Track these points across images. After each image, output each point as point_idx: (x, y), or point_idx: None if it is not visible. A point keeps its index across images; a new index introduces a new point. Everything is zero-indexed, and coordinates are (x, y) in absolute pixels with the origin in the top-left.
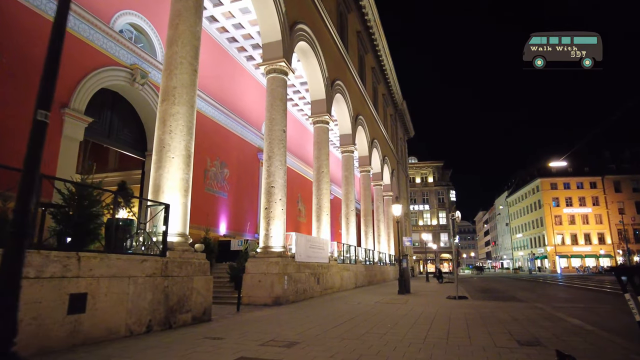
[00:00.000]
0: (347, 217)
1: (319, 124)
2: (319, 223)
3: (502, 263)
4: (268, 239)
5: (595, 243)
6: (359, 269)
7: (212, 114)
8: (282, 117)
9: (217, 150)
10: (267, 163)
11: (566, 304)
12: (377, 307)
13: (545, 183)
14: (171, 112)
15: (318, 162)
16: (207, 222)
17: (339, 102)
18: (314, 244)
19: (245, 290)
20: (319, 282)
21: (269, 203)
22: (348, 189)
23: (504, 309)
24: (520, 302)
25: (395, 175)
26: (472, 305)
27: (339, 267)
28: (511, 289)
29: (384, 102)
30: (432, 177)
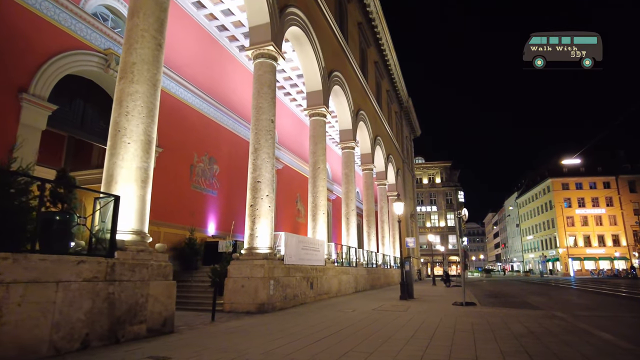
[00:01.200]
0: (347, 217)
1: (315, 116)
2: (314, 223)
3: (512, 266)
4: (253, 239)
5: (609, 245)
6: (360, 272)
7: (200, 106)
8: (270, 106)
9: (206, 145)
10: (253, 156)
11: (587, 311)
12: (372, 316)
13: (556, 183)
14: (129, 91)
15: (314, 158)
16: (192, 221)
17: (338, 95)
18: (307, 245)
19: (227, 296)
20: (313, 286)
21: (255, 200)
22: (348, 187)
23: (517, 317)
24: (534, 309)
25: (400, 174)
26: (480, 314)
27: (336, 270)
28: (523, 293)
29: (388, 99)
30: (439, 178)
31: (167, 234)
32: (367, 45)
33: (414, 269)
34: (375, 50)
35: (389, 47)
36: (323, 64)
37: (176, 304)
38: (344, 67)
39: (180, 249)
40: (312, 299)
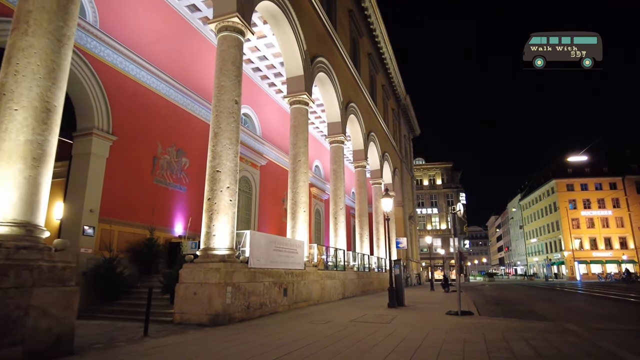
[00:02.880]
0: (335, 217)
1: (296, 104)
2: (294, 222)
3: (515, 269)
4: (210, 238)
5: (616, 248)
6: (349, 276)
7: (167, 93)
8: (234, 85)
9: (174, 135)
10: (213, 142)
11: (605, 323)
12: (346, 330)
13: (560, 184)
14: (20, 45)
15: (294, 150)
16: (152, 219)
17: (325, 84)
18: (281, 246)
19: (177, 304)
20: (287, 293)
21: (213, 192)
22: (337, 184)
23: (521, 332)
24: (541, 320)
25: (398, 174)
26: (477, 326)
27: (319, 274)
28: (528, 299)
29: (384, 95)
30: (440, 179)
31: (122, 233)
32: (359, 35)
33: (411, 273)
34: (368, 41)
35: (384, 39)
36: (305, 47)
37: (125, 314)
38: (331, 54)
39: (138, 251)
40: (286, 307)
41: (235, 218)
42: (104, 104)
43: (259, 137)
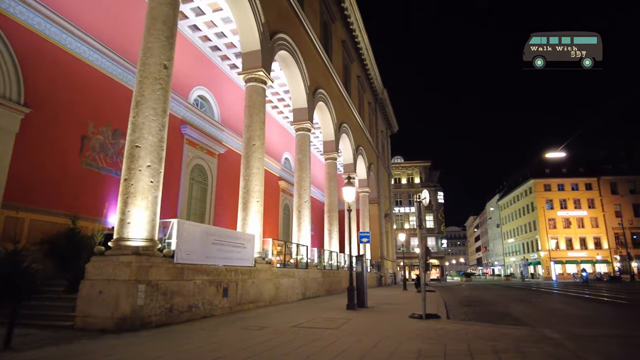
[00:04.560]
0: (299, 210)
1: (252, 82)
2: (245, 213)
3: (493, 269)
4: (123, 227)
5: (591, 248)
6: (312, 275)
7: (102, 64)
8: (164, 47)
9: (110, 113)
10: (134, 112)
11: (587, 328)
12: (279, 339)
13: (538, 184)
14: None
15: (248, 132)
16: (77, 207)
17: (289, 64)
18: (222, 239)
19: (80, 306)
20: (228, 293)
21: (130, 172)
22: (301, 175)
23: (492, 342)
24: (517, 324)
25: (373, 170)
26: (440, 334)
27: (272, 272)
28: (503, 300)
29: (360, 86)
30: (418, 178)
31: (37, 222)
32: (331, 20)
33: (386, 272)
34: (342, 28)
35: (359, 27)
36: (263, 19)
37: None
38: (296, 32)
39: (57, 243)
40: (226, 310)
41: (157, 204)
42: (13, 68)
43: (217, 122)
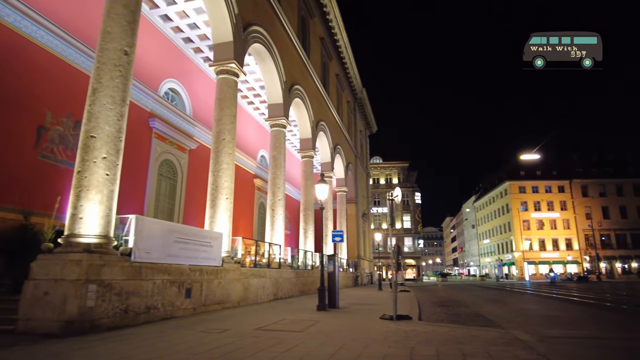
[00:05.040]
0: (272, 209)
1: (223, 74)
2: (213, 210)
3: (469, 270)
4: (75, 222)
5: (563, 249)
6: (285, 275)
7: (63, 52)
8: (125, 32)
9: (71, 103)
10: (90, 100)
11: (558, 329)
12: (238, 343)
13: (513, 186)
14: None
15: (218, 126)
16: (31, 201)
17: (264, 59)
18: (186, 237)
19: (23, 308)
20: (192, 294)
21: (84, 164)
22: (276, 172)
23: (462, 345)
24: (489, 326)
25: (352, 169)
26: (409, 336)
27: (241, 272)
28: (477, 300)
29: (338, 85)
30: (397, 178)
31: None
32: (309, 15)
33: (362, 272)
34: (321, 24)
35: (339, 25)
36: (236, 10)
37: None
38: (271, 25)
39: (6, 240)
40: (189, 311)
41: (114, 198)
42: None
43: (188, 116)
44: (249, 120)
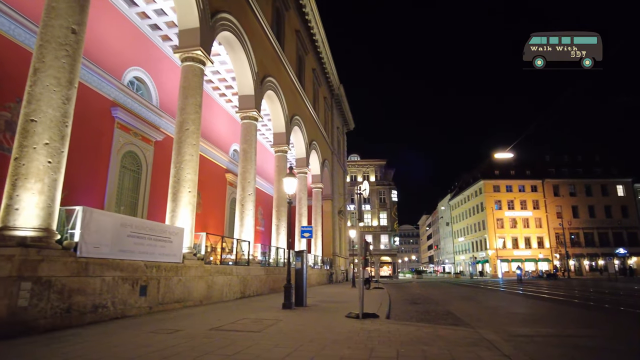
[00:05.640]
0: (242, 204)
1: (189, 62)
2: (175, 204)
3: (443, 267)
4: (10, 213)
5: (534, 247)
6: (253, 272)
7: (10, 31)
8: (72, 9)
9: (18, 87)
10: (31, 80)
11: (527, 327)
12: (186, 345)
13: (488, 185)
14: None
15: (182, 116)
16: None
17: (234, 47)
18: (141, 232)
19: None
20: (147, 292)
21: (22, 150)
22: (246, 166)
23: (425, 346)
24: (457, 325)
25: (328, 166)
26: (371, 337)
27: (205, 269)
28: (449, 298)
29: (315, 80)
30: (374, 176)
31: None
32: (284, 7)
33: (337, 270)
34: (297, 17)
35: (315, 19)
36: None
37: None
38: (242, 14)
39: None
40: (144, 310)
41: (57, 188)
42: None
43: (155, 107)
44: (221, 113)
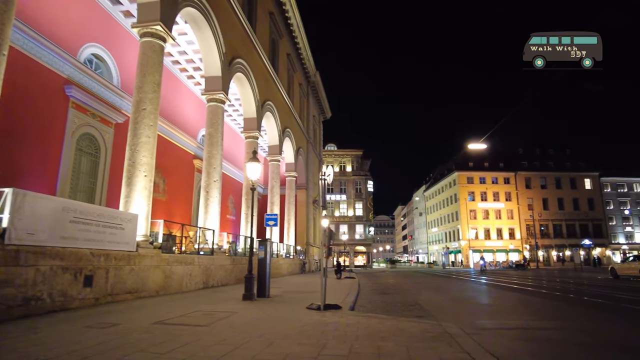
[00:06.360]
0: (207, 191)
1: (147, 37)
2: (129, 189)
3: (417, 257)
4: None
5: (506, 238)
6: (218, 262)
7: None
8: None
9: None
10: None
11: (493, 319)
12: (118, 341)
13: (462, 177)
14: None
15: (139, 94)
16: None
17: (200, 25)
18: (87, 218)
19: None
20: (94, 282)
21: None
22: (212, 151)
23: (382, 342)
24: (422, 316)
25: (302, 154)
26: (326, 330)
27: (163, 258)
28: (419, 288)
29: (290, 65)
30: (350, 166)
31: None
32: None
33: (311, 259)
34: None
35: (290, 1)
36: None
37: None
38: None
39: None
40: (89, 302)
41: None
42: None
43: (115, 86)
44: (190, 96)
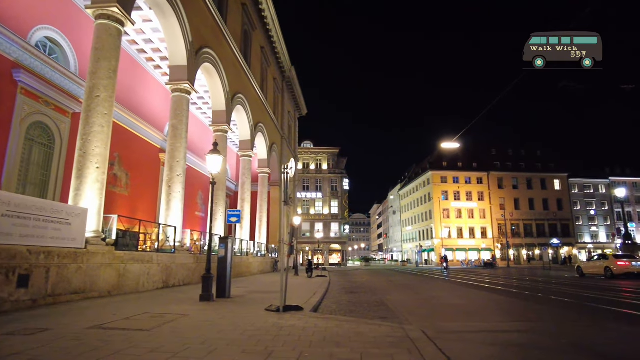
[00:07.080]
0: (169, 185)
1: (103, 19)
2: (79, 182)
3: (392, 255)
4: None
5: (478, 237)
6: (180, 260)
7: None
8: None
9: None
10: None
11: (459, 321)
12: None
13: (436, 176)
14: None
15: (92, 81)
16: None
17: (164, 11)
18: (25, 212)
19: None
20: (32, 282)
21: None
22: (175, 144)
23: (338, 349)
24: (386, 318)
25: (276, 150)
26: (278, 335)
27: (116, 256)
28: (389, 286)
29: (263, 59)
30: (326, 164)
31: None
32: None
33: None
34: None
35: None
36: None
37: None
38: None
39: None
40: (24, 304)
41: None
42: None
43: (72, 73)
44: (156, 87)
